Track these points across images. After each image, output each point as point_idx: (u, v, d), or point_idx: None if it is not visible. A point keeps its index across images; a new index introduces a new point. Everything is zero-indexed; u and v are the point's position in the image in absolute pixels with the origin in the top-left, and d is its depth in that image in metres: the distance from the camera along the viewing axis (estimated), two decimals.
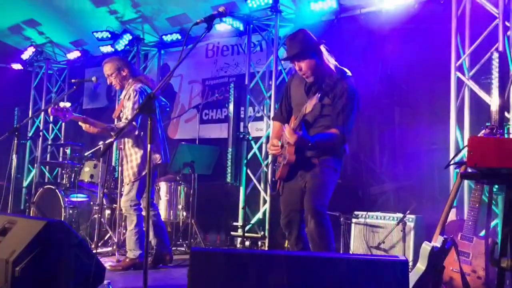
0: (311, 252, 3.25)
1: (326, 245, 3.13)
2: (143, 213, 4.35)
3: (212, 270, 2.15)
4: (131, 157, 4.37)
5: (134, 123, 4.20)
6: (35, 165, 8.68)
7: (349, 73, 3.31)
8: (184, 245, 5.76)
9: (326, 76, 3.22)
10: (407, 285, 2.17)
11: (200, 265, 2.16)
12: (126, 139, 4.41)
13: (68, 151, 7.14)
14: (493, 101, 4.37)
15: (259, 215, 6.29)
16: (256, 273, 2.14)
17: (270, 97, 6.28)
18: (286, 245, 5.49)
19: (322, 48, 3.24)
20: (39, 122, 8.97)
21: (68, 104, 4.21)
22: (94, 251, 3.67)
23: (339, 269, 2.12)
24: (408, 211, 4.46)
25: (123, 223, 5.16)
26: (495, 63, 4.39)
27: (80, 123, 4.23)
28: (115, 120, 4.84)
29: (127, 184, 4.38)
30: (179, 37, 7.14)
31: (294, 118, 3.30)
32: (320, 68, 3.23)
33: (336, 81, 3.20)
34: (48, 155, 8.85)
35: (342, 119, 3.18)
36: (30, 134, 8.76)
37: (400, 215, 4.52)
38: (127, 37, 7.32)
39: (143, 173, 4.31)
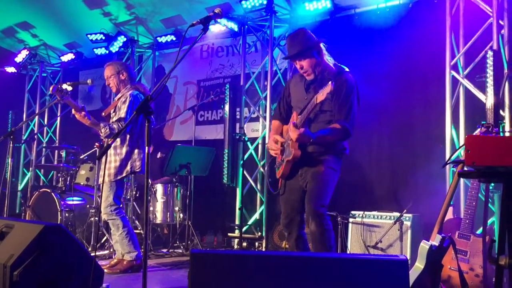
0: (311, 252, 3.26)
1: (327, 246, 3.15)
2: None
3: (213, 272, 2.15)
4: (110, 157, 4.34)
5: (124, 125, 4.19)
6: (30, 168, 8.63)
7: (346, 69, 3.36)
8: (181, 247, 5.76)
9: (325, 72, 3.26)
10: (407, 284, 2.18)
11: (201, 267, 2.16)
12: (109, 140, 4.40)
13: (63, 154, 7.11)
14: (488, 99, 4.40)
15: (256, 215, 6.29)
16: (256, 274, 2.14)
17: (265, 97, 6.28)
18: (283, 245, 5.50)
19: (322, 46, 3.31)
20: (34, 125, 8.93)
21: (69, 88, 4.30)
22: (92, 254, 3.66)
23: (340, 269, 2.13)
24: (405, 210, 4.47)
25: None
26: (490, 61, 4.42)
27: (73, 111, 4.22)
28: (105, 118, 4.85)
29: (103, 186, 4.35)
30: (174, 39, 7.14)
31: (296, 114, 3.31)
32: (320, 66, 3.30)
33: (335, 76, 3.23)
34: (43, 158, 8.82)
35: (344, 113, 3.20)
36: (24, 137, 8.70)
37: (397, 214, 4.53)
38: (121, 39, 7.31)
39: (119, 177, 4.30)
